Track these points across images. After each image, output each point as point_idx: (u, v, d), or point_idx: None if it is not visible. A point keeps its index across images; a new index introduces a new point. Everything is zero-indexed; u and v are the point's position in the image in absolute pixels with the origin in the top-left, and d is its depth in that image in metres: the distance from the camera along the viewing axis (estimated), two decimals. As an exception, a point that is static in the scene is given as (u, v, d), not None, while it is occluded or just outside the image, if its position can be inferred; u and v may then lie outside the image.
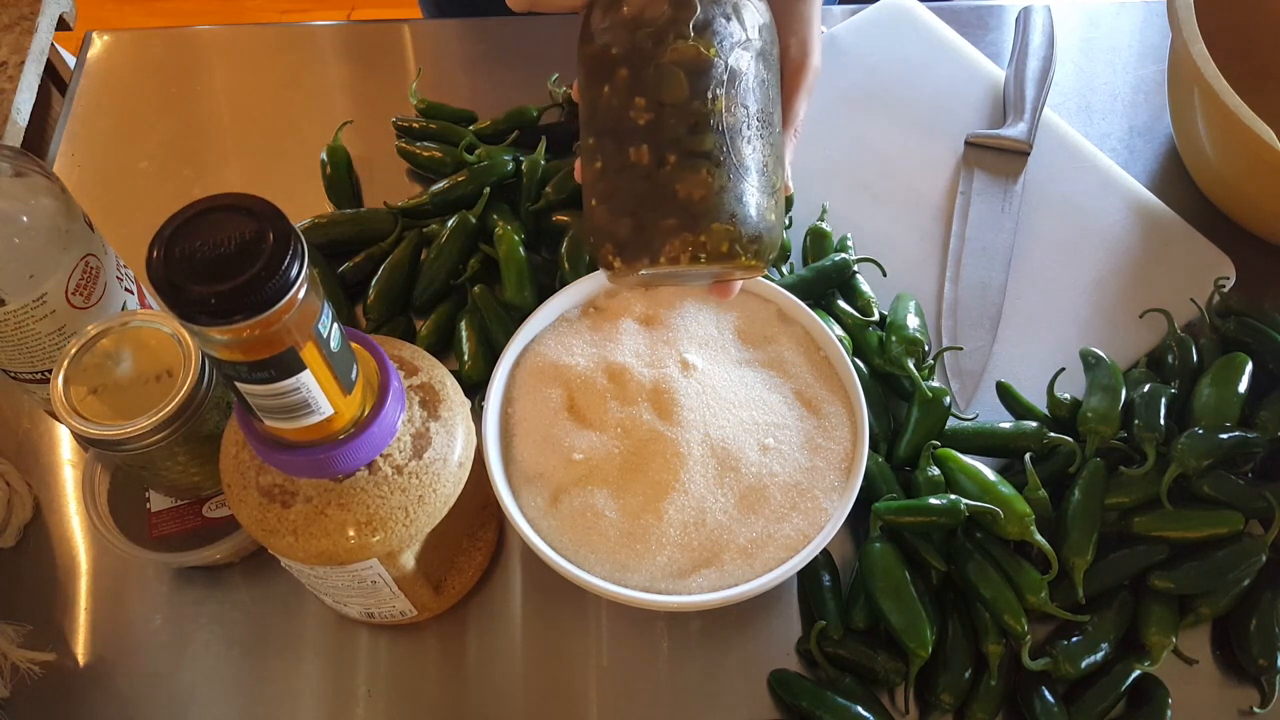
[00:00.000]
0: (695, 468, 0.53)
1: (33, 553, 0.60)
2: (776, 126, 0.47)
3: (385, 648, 0.58)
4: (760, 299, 0.60)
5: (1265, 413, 0.59)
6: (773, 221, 0.46)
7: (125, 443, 0.49)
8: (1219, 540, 0.56)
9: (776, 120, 0.47)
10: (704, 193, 0.43)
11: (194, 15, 1.94)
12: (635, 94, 0.44)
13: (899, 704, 0.55)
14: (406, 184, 0.74)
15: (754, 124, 0.45)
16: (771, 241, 0.46)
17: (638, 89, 0.44)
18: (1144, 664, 0.54)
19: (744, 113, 0.44)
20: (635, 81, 0.44)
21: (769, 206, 0.45)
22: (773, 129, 0.47)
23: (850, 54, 0.78)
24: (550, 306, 0.59)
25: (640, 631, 0.58)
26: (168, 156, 0.76)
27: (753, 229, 0.44)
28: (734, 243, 0.44)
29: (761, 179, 0.45)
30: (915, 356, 0.61)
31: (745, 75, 0.45)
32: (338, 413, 0.41)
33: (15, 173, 0.50)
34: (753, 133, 0.45)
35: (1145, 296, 0.67)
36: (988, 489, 0.56)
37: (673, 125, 0.43)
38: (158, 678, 0.57)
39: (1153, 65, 0.81)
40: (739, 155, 0.44)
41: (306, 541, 0.44)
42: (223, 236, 0.35)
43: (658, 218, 0.44)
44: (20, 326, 0.51)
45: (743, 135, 0.44)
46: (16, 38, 0.80)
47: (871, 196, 0.72)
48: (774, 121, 0.47)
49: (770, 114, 0.47)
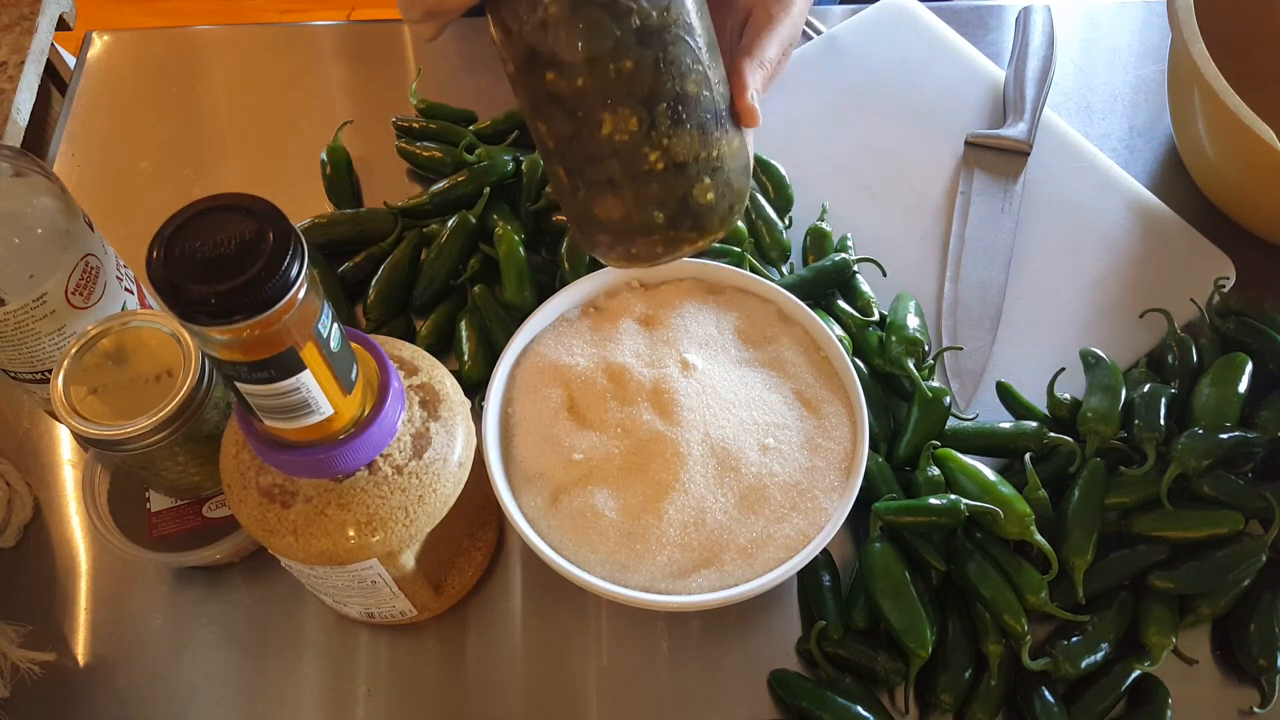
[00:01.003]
0: (695, 468, 0.53)
1: (33, 553, 0.60)
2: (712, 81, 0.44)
3: (385, 648, 0.58)
4: (760, 299, 0.60)
5: (1265, 413, 0.59)
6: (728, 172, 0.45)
7: (125, 443, 0.49)
8: (1219, 540, 0.56)
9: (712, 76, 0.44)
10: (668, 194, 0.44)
11: (194, 15, 1.94)
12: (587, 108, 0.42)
13: (899, 704, 0.55)
14: (406, 184, 0.74)
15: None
16: (738, 190, 0.46)
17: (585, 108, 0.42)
18: (1144, 664, 0.54)
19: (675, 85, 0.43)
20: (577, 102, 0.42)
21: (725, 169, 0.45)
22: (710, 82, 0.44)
23: (850, 54, 0.78)
24: (550, 306, 0.59)
25: (640, 631, 0.58)
26: (168, 156, 0.76)
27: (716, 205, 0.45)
28: (721, 218, 0.46)
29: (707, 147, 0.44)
30: (915, 356, 0.61)
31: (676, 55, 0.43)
32: (338, 413, 0.41)
33: (15, 173, 0.50)
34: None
35: (1145, 296, 0.67)
36: (988, 489, 0.56)
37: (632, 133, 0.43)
38: (158, 678, 0.57)
39: (1153, 65, 0.81)
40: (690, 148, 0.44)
41: (306, 541, 0.44)
42: (223, 236, 0.35)
43: (636, 233, 0.45)
44: (20, 326, 0.51)
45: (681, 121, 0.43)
46: (16, 38, 0.80)
47: (871, 196, 0.72)
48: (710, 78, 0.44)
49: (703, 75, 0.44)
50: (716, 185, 0.44)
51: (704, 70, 0.43)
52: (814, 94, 0.76)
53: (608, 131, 0.42)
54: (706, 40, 0.43)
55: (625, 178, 0.43)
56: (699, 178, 0.44)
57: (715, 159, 0.44)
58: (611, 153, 0.43)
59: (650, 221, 0.45)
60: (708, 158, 0.44)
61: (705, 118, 0.43)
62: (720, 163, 0.44)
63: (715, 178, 0.44)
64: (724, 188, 0.45)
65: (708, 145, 0.44)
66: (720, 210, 0.46)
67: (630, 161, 0.43)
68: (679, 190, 0.44)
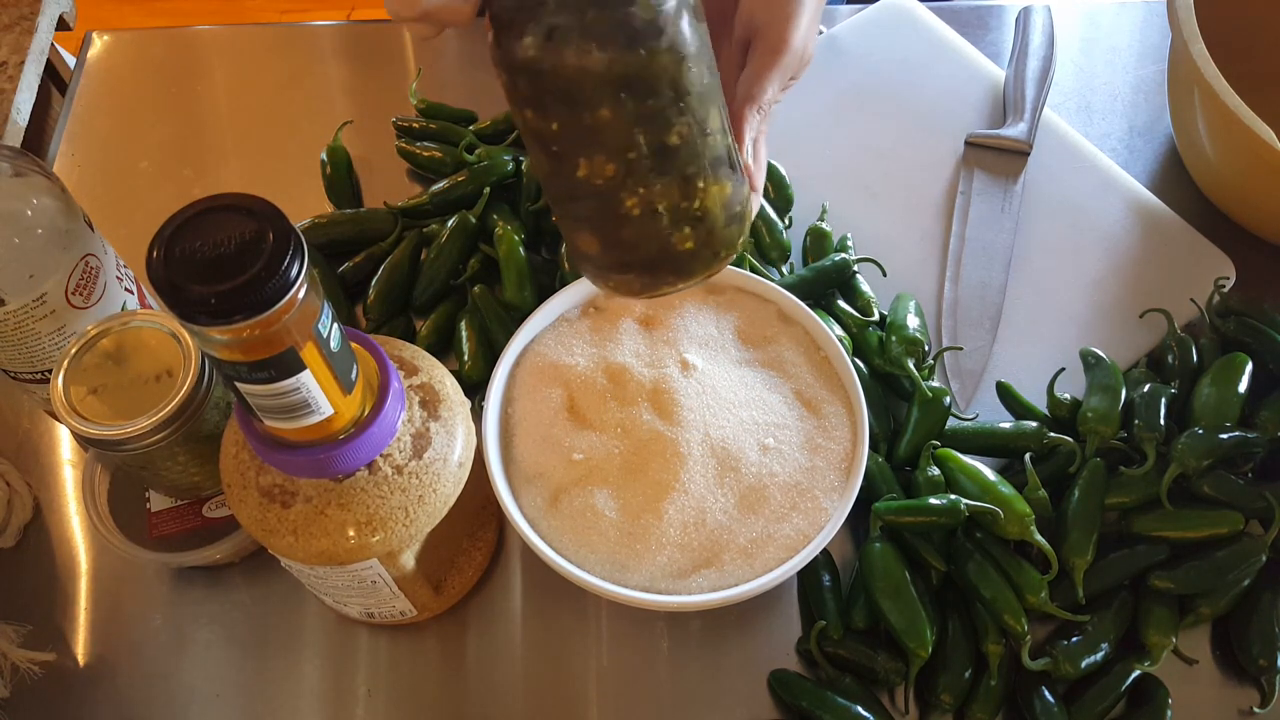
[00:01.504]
0: (695, 468, 0.53)
1: (33, 553, 0.60)
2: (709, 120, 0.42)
3: (385, 648, 0.58)
4: (760, 299, 0.60)
5: (1265, 413, 0.59)
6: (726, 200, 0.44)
7: (125, 443, 0.49)
8: (1219, 540, 0.56)
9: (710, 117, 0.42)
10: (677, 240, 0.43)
11: (194, 15, 1.94)
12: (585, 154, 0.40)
13: (899, 704, 0.55)
14: (406, 184, 0.74)
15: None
16: (737, 221, 0.44)
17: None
18: (1144, 664, 0.54)
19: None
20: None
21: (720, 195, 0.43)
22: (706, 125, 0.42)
23: (850, 54, 0.78)
24: (550, 306, 0.59)
25: (640, 631, 0.58)
26: (168, 156, 0.76)
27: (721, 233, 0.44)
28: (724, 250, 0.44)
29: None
30: (915, 356, 0.61)
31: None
32: (338, 413, 0.41)
33: (15, 173, 0.50)
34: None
35: (1145, 296, 0.67)
36: (988, 489, 0.56)
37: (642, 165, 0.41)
38: (158, 678, 0.57)
39: (1153, 65, 0.81)
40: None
41: (306, 541, 0.44)
42: (223, 236, 0.35)
43: (653, 273, 0.44)
44: (20, 326, 0.51)
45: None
46: (16, 38, 0.80)
47: (871, 196, 0.72)
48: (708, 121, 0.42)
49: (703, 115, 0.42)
50: (698, 235, 0.42)
51: (691, 121, 0.40)
52: (814, 94, 0.76)
53: (584, 175, 0.40)
54: (700, 86, 0.40)
55: (600, 220, 0.42)
56: (678, 226, 0.42)
57: (698, 209, 0.42)
58: (588, 194, 0.41)
59: (627, 262, 0.43)
60: (689, 208, 0.42)
61: (689, 170, 0.41)
62: (704, 212, 0.42)
63: (698, 227, 0.42)
64: (707, 236, 0.43)
65: (690, 195, 0.41)
66: (703, 257, 0.43)
67: (605, 205, 0.41)
68: (656, 237, 0.42)
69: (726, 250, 0.44)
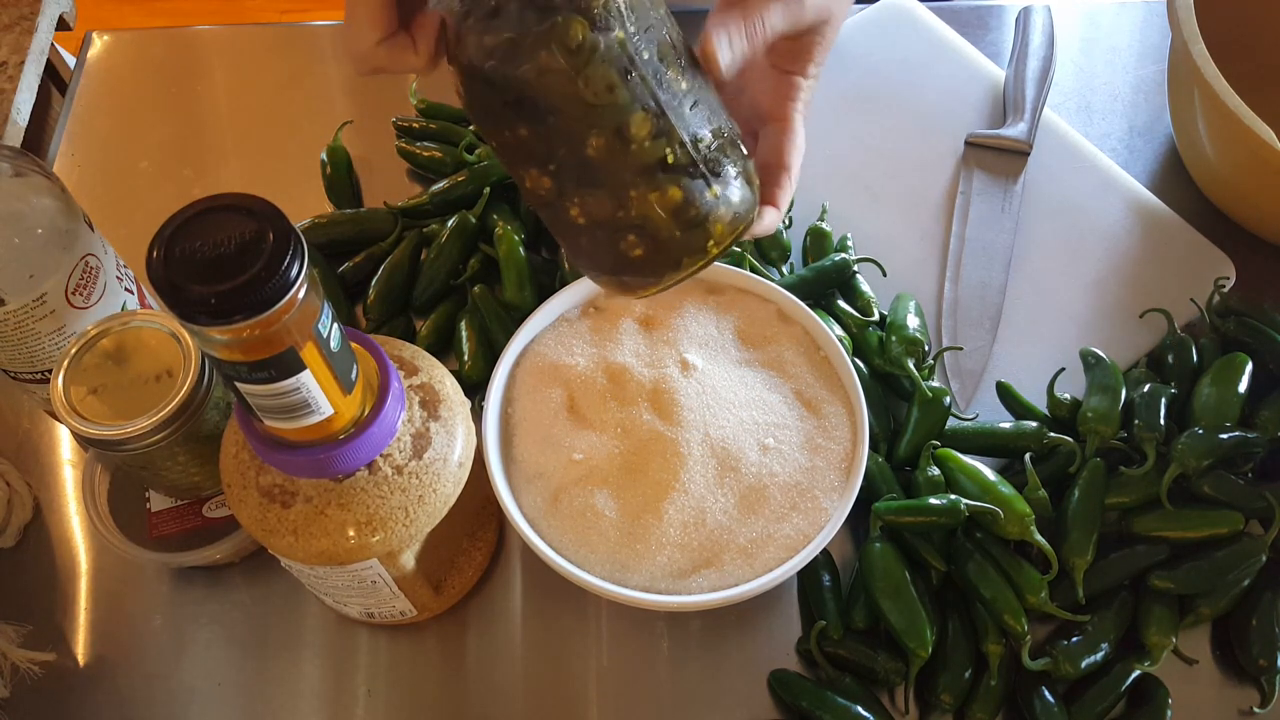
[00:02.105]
0: (695, 468, 0.53)
1: (33, 553, 0.60)
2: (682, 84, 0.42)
3: (385, 648, 0.58)
4: (760, 299, 0.60)
5: (1265, 413, 0.59)
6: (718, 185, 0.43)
7: (125, 443, 0.49)
8: (1219, 540, 0.56)
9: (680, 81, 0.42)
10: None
11: (194, 15, 1.94)
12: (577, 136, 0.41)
13: (899, 704, 0.55)
14: (406, 184, 0.74)
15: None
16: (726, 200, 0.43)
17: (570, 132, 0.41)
18: (1144, 664, 0.54)
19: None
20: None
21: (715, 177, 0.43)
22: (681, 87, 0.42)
23: (850, 54, 0.78)
24: (550, 306, 0.59)
25: (640, 631, 0.58)
26: (168, 156, 0.76)
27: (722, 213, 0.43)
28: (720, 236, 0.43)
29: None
30: (915, 356, 0.61)
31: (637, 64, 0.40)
32: (338, 413, 0.41)
33: (15, 173, 0.50)
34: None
35: (1145, 296, 0.67)
36: (988, 489, 0.56)
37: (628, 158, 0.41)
38: (158, 678, 0.57)
39: (1153, 65, 0.81)
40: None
41: (306, 541, 0.44)
42: (223, 236, 0.35)
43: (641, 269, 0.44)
44: (20, 326, 0.51)
45: None
46: (16, 38, 0.80)
47: (871, 196, 0.72)
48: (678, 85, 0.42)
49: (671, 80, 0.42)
50: (644, 241, 0.42)
51: (609, 133, 0.40)
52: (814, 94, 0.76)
53: (530, 186, 0.42)
54: (624, 98, 0.40)
55: (556, 226, 0.44)
56: (622, 234, 0.42)
57: (636, 218, 0.42)
58: (541, 204, 0.43)
59: (592, 264, 0.45)
60: (626, 216, 0.42)
61: (622, 178, 0.41)
62: (644, 220, 0.42)
63: (641, 234, 0.42)
64: (653, 243, 0.43)
65: (624, 205, 0.42)
66: (659, 261, 0.43)
67: (556, 213, 0.43)
68: (607, 243, 0.43)
69: (692, 255, 0.43)
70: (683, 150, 0.42)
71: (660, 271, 0.44)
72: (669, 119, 0.41)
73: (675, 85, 0.41)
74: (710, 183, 0.42)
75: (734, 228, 0.44)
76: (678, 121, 0.41)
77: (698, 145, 0.42)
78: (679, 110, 0.41)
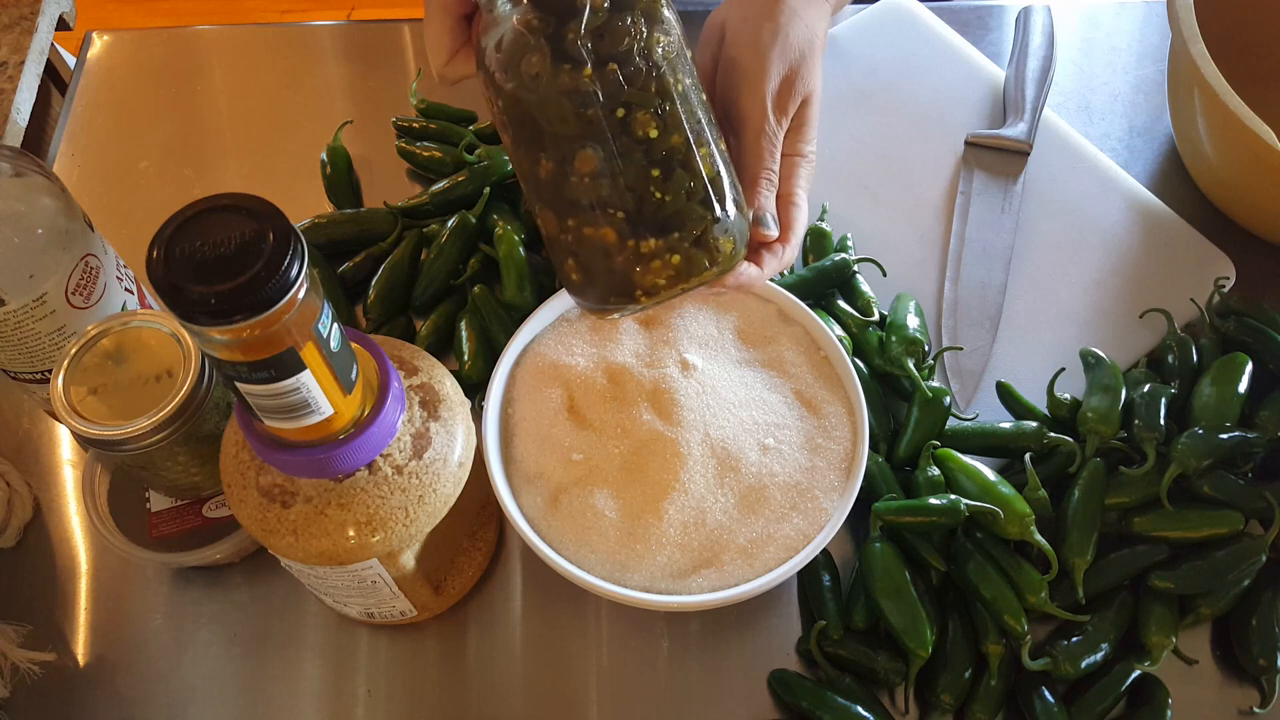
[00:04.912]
0: (695, 468, 0.53)
1: (33, 553, 0.60)
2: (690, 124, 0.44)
3: (385, 648, 0.58)
4: (760, 299, 0.60)
5: (1265, 413, 0.59)
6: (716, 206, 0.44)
7: (125, 443, 0.49)
8: (1219, 540, 0.56)
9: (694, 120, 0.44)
10: None
11: (194, 15, 1.94)
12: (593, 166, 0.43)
13: (899, 704, 0.55)
14: (406, 184, 0.74)
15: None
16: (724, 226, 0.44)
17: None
18: (1144, 664, 0.54)
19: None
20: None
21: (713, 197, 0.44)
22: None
23: (850, 54, 0.78)
24: (550, 306, 0.59)
25: (640, 631, 0.58)
26: (168, 156, 0.76)
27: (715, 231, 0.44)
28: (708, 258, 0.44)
29: None
30: (915, 356, 0.61)
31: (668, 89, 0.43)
32: (338, 413, 0.41)
33: (15, 173, 0.50)
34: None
35: (1145, 296, 0.67)
36: (988, 489, 0.56)
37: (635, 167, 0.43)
38: (158, 678, 0.57)
39: (1153, 65, 0.81)
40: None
41: (306, 541, 0.44)
42: (223, 236, 0.35)
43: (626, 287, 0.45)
44: (20, 326, 0.51)
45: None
46: (16, 38, 0.80)
47: (871, 196, 0.72)
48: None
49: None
50: (580, 269, 0.45)
51: (587, 179, 0.42)
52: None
53: (523, 187, 0.46)
54: (598, 127, 0.42)
55: (552, 248, 0.46)
56: (564, 256, 0.45)
57: (572, 244, 0.44)
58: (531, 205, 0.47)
59: (576, 284, 0.46)
60: (565, 240, 0.45)
61: (560, 205, 0.44)
62: (578, 249, 0.44)
63: (578, 262, 0.45)
64: (586, 274, 0.45)
65: (565, 230, 0.44)
66: (644, 286, 0.44)
67: (552, 244, 0.46)
68: (558, 259, 0.46)
69: (619, 299, 0.45)
70: (629, 196, 0.43)
71: (653, 293, 0.45)
72: (619, 163, 0.42)
73: (641, 135, 0.42)
74: (653, 235, 0.43)
75: (672, 286, 0.44)
76: (627, 172, 0.43)
77: (643, 197, 0.43)
78: (631, 159, 0.42)
